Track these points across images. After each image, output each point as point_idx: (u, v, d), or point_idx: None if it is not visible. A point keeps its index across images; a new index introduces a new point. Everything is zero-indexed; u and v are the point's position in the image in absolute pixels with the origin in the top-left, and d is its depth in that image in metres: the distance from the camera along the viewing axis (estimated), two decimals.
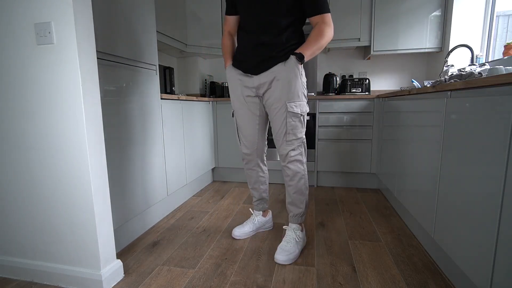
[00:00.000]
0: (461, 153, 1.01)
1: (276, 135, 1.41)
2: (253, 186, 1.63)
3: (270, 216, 1.72)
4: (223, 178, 2.90)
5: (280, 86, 1.32)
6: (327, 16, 1.30)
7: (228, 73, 1.46)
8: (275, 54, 1.31)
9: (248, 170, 1.60)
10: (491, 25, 2.16)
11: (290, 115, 1.33)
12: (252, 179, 1.61)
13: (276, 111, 1.36)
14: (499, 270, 0.81)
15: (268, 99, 1.38)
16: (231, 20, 1.47)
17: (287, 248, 1.38)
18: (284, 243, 1.41)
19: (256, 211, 1.69)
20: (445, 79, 1.41)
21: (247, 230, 1.61)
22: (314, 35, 1.30)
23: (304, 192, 1.45)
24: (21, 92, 1.11)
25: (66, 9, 1.01)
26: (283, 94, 1.32)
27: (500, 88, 0.83)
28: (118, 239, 1.47)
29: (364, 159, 2.49)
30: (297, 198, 1.45)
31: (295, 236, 1.43)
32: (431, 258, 1.36)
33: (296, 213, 1.46)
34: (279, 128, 1.37)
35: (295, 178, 1.42)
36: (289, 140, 1.37)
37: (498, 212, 0.81)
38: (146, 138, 1.68)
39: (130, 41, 1.55)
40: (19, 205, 1.21)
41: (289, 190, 1.45)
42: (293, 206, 1.46)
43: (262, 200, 1.66)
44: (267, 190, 1.67)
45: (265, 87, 1.36)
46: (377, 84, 2.96)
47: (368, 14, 2.59)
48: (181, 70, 3.15)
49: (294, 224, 1.47)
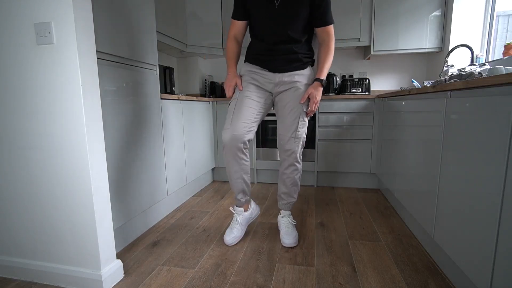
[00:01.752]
0: (461, 153, 1.01)
1: (285, 132, 1.47)
2: (235, 176, 1.50)
3: (252, 206, 1.65)
4: (223, 178, 2.90)
5: (299, 94, 1.46)
6: (331, 27, 1.44)
7: (244, 67, 1.53)
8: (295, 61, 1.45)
9: (230, 158, 1.46)
10: (491, 25, 2.16)
11: (303, 115, 1.47)
12: (234, 168, 1.48)
13: (290, 109, 1.46)
14: (499, 270, 0.81)
15: (284, 99, 1.48)
16: (239, 26, 1.49)
17: (289, 232, 1.52)
18: (286, 229, 1.54)
19: (238, 207, 1.60)
20: (445, 79, 1.41)
21: (237, 234, 1.55)
22: (325, 54, 1.46)
23: (298, 183, 1.60)
24: (21, 92, 1.11)
25: (66, 9, 1.01)
26: (300, 98, 1.46)
27: (500, 88, 0.83)
28: (118, 239, 1.47)
29: (364, 159, 2.49)
30: (293, 189, 1.57)
31: (291, 221, 1.59)
32: (431, 258, 1.36)
33: (290, 201, 1.60)
34: (290, 125, 1.46)
35: (294, 171, 1.53)
36: (297, 138, 1.47)
37: (498, 212, 0.81)
38: (146, 138, 1.68)
39: (130, 41, 1.55)
40: (19, 205, 1.21)
41: (287, 182, 1.56)
42: (287, 195, 1.59)
43: (244, 193, 1.56)
44: (249, 180, 1.57)
45: (285, 87, 1.47)
46: (377, 84, 2.96)
47: (368, 14, 2.59)
48: (181, 70, 3.15)
49: (287, 211, 1.61)
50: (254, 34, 1.49)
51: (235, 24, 1.49)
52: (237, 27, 1.49)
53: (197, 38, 2.79)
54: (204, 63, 3.22)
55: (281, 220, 1.60)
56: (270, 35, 1.41)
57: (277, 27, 1.39)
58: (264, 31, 1.43)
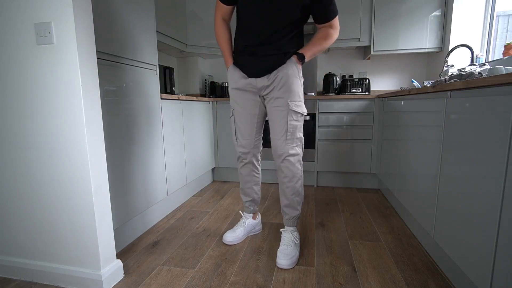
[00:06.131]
0: (461, 153, 1.01)
1: (275, 134, 1.37)
2: (246, 186, 1.59)
3: (259, 219, 1.70)
4: (223, 178, 2.90)
5: (281, 85, 1.32)
6: (335, 20, 1.32)
7: (229, 73, 1.43)
8: (277, 60, 1.31)
9: (242, 169, 1.57)
10: (491, 25, 2.16)
11: (291, 113, 1.32)
12: (245, 179, 1.58)
13: (278, 110, 1.34)
14: (499, 270, 0.81)
15: (270, 99, 1.37)
16: (227, 9, 1.37)
17: (287, 252, 1.34)
18: (284, 247, 1.37)
19: (246, 213, 1.64)
20: (445, 79, 1.41)
21: (239, 235, 1.56)
22: (319, 38, 1.32)
23: (301, 193, 1.43)
24: (21, 92, 1.11)
25: (66, 9, 1.01)
26: (285, 93, 1.32)
27: (500, 88, 0.83)
28: (118, 239, 1.47)
29: (364, 159, 2.49)
30: (295, 200, 1.42)
31: (293, 238, 1.41)
32: (431, 258, 1.36)
33: (293, 216, 1.44)
34: (280, 127, 1.34)
35: (294, 179, 1.39)
36: (289, 139, 1.34)
37: (498, 212, 0.81)
38: (146, 138, 1.68)
39: (130, 41, 1.55)
40: (19, 205, 1.21)
41: (287, 192, 1.41)
42: (290, 208, 1.43)
43: (253, 201, 1.63)
44: (259, 191, 1.64)
45: (268, 88, 1.36)
46: (377, 84, 2.96)
47: (368, 14, 2.59)
48: (181, 70, 3.15)
49: (291, 227, 1.45)
50: (241, 25, 1.35)
51: (222, 6, 1.36)
52: (224, 10, 1.37)
53: (197, 38, 2.79)
54: (204, 63, 3.22)
55: (282, 235, 1.44)
56: (258, 25, 1.28)
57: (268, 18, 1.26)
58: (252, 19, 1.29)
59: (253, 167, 1.56)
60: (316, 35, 1.33)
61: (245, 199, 1.63)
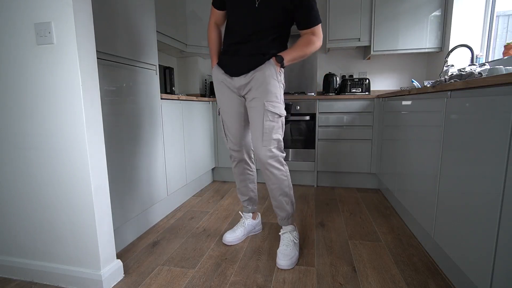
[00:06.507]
0: (461, 153, 1.01)
1: (253, 135, 1.36)
2: (242, 185, 1.59)
3: (259, 219, 1.69)
4: (223, 178, 2.90)
5: (258, 85, 1.31)
6: (317, 28, 1.32)
7: (213, 72, 1.45)
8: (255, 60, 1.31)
9: (236, 168, 1.57)
10: (491, 25, 2.16)
11: (267, 113, 1.30)
12: (240, 178, 1.58)
13: (255, 111, 1.33)
14: (499, 270, 0.81)
15: (249, 100, 1.36)
16: (219, 14, 1.44)
17: (287, 252, 1.34)
18: (284, 247, 1.37)
19: (246, 213, 1.65)
20: (445, 79, 1.41)
21: (239, 235, 1.56)
22: (301, 44, 1.33)
23: (289, 193, 1.42)
24: (21, 92, 1.11)
25: (66, 9, 1.01)
26: (261, 94, 1.31)
27: (500, 88, 0.83)
28: (118, 239, 1.47)
29: (364, 159, 2.49)
30: (283, 201, 1.40)
31: (293, 238, 1.42)
32: (431, 258, 1.36)
33: (284, 216, 1.44)
34: (257, 128, 1.33)
35: (278, 181, 1.37)
36: (266, 140, 1.32)
37: (498, 212, 0.81)
38: (146, 138, 1.68)
39: (130, 41, 1.55)
40: (19, 205, 1.21)
41: (274, 193, 1.40)
42: (280, 209, 1.43)
43: (250, 200, 1.63)
44: (256, 189, 1.64)
45: (246, 88, 1.35)
46: (377, 84, 2.96)
47: (368, 14, 2.59)
48: (181, 70, 3.15)
49: (288, 226, 1.45)
50: (228, 27, 1.39)
51: (215, 12, 1.44)
52: (217, 14, 1.44)
53: (197, 38, 2.79)
54: (204, 63, 3.22)
55: (281, 236, 1.45)
56: (242, 29, 1.32)
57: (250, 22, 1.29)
58: (236, 22, 1.34)
59: (246, 165, 1.56)
60: (298, 41, 1.33)
61: (242, 198, 1.63)
